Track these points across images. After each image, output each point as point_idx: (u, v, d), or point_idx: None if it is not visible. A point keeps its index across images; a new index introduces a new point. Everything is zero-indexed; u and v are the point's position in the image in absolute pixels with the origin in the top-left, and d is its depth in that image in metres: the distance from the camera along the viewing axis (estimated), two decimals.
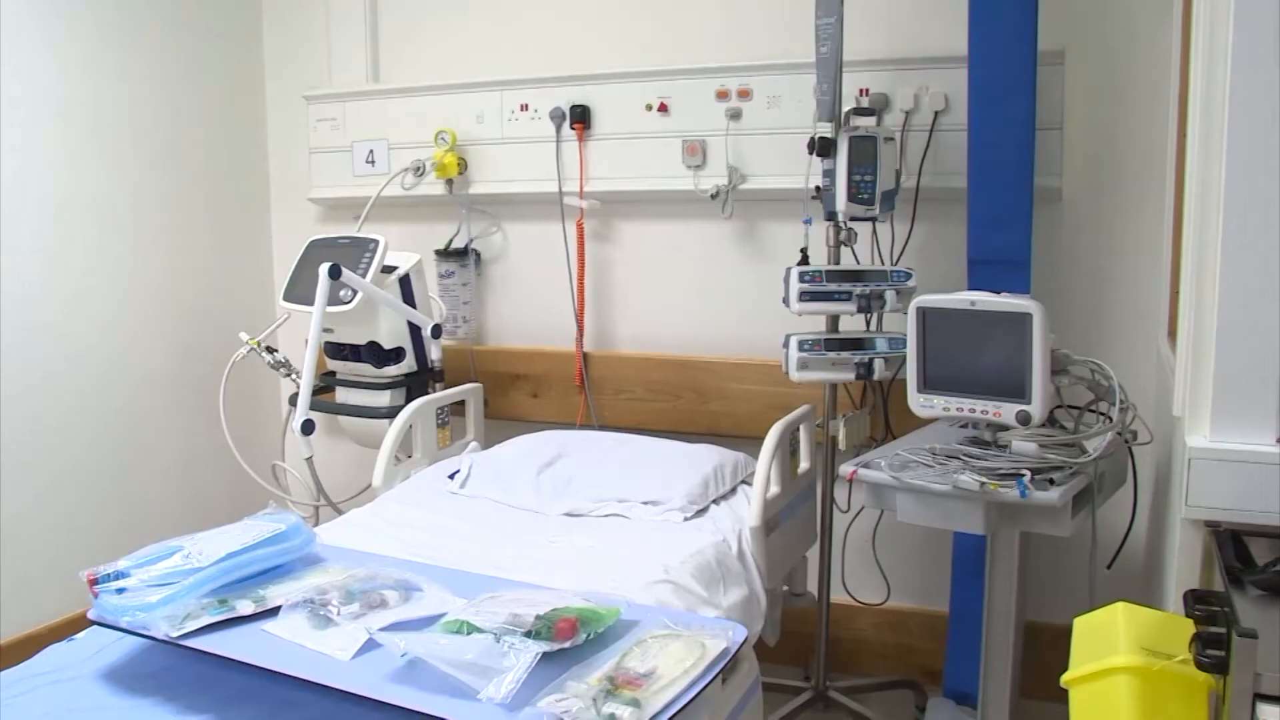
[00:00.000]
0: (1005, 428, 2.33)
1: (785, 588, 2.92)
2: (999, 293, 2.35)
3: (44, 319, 3.28)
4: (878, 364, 2.81)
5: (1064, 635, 1.68)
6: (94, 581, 1.95)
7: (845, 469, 2.36)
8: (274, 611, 1.92)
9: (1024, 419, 2.27)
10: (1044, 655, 2.39)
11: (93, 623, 1.94)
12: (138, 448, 3.60)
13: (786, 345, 2.83)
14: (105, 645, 1.97)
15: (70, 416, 3.37)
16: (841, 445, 2.92)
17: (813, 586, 3.06)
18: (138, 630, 1.87)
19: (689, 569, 2.31)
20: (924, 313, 2.42)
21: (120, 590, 1.92)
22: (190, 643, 1.83)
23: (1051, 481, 2.16)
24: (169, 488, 3.70)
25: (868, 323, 2.89)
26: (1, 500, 3.16)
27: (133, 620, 1.86)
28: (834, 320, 2.89)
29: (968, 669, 2.70)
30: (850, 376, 2.83)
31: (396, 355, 3.35)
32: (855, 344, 2.81)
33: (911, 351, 2.44)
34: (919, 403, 2.45)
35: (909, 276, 2.80)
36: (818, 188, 2.87)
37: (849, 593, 3.28)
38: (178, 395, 3.71)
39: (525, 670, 1.63)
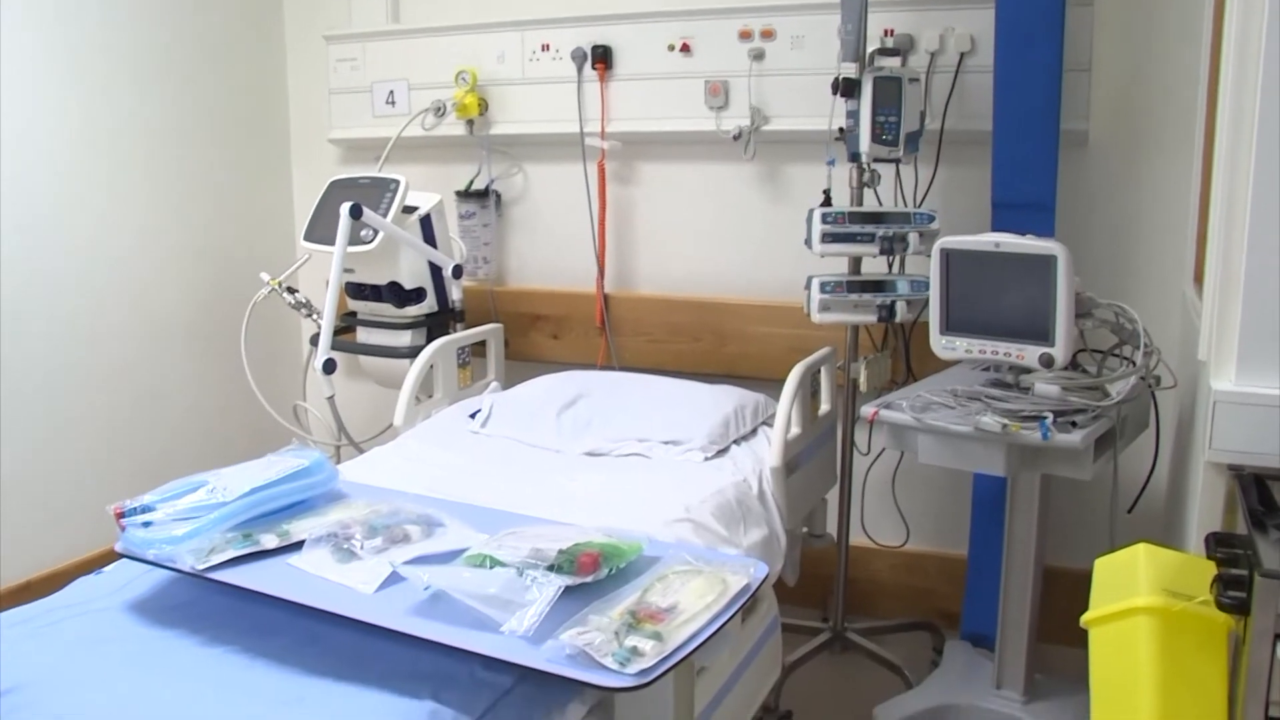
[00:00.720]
0: (1028, 370, 2.32)
1: (805, 529, 2.94)
2: (1023, 235, 2.33)
3: (62, 261, 3.29)
4: (900, 306, 2.80)
5: (1083, 580, 1.68)
6: (121, 515, 1.97)
7: (867, 409, 2.36)
8: (298, 546, 1.95)
9: (1047, 362, 2.26)
10: (1062, 599, 2.40)
11: (120, 556, 1.96)
12: (160, 388, 3.63)
13: (808, 287, 2.82)
14: (133, 578, 2.00)
15: (90, 358, 3.38)
16: (862, 387, 2.92)
17: (832, 528, 3.07)
18: (164, 563, 1.89)
19: (709, 508, 2.31)
20: (947, 254, 2.40)
21: (147, 524, 1.95)
22: (216, 575, 1.85)
23: (1074, 424, 2.15)
24: (191, 428, 3.73)
25: (890, 265, 2.87)
26: (27, 440, 3.19)
27: (159, 553, 1.89)
28: (856, 262, 2.88)
29: (986, 612, 2.72)
30: (872, 318, 2.82)
31: (417, 295, 3.36)
32: (877, 286, 2.80)
33: (934, 293, 2.42)
34: (941, 345, 2.44)
35: (932, 219, 2.77)
36: (841, 129, 2.84)
37: (868, 535, 3.29)
38: (199, 336, 3.72)
39: (548, 604, 1.64)
